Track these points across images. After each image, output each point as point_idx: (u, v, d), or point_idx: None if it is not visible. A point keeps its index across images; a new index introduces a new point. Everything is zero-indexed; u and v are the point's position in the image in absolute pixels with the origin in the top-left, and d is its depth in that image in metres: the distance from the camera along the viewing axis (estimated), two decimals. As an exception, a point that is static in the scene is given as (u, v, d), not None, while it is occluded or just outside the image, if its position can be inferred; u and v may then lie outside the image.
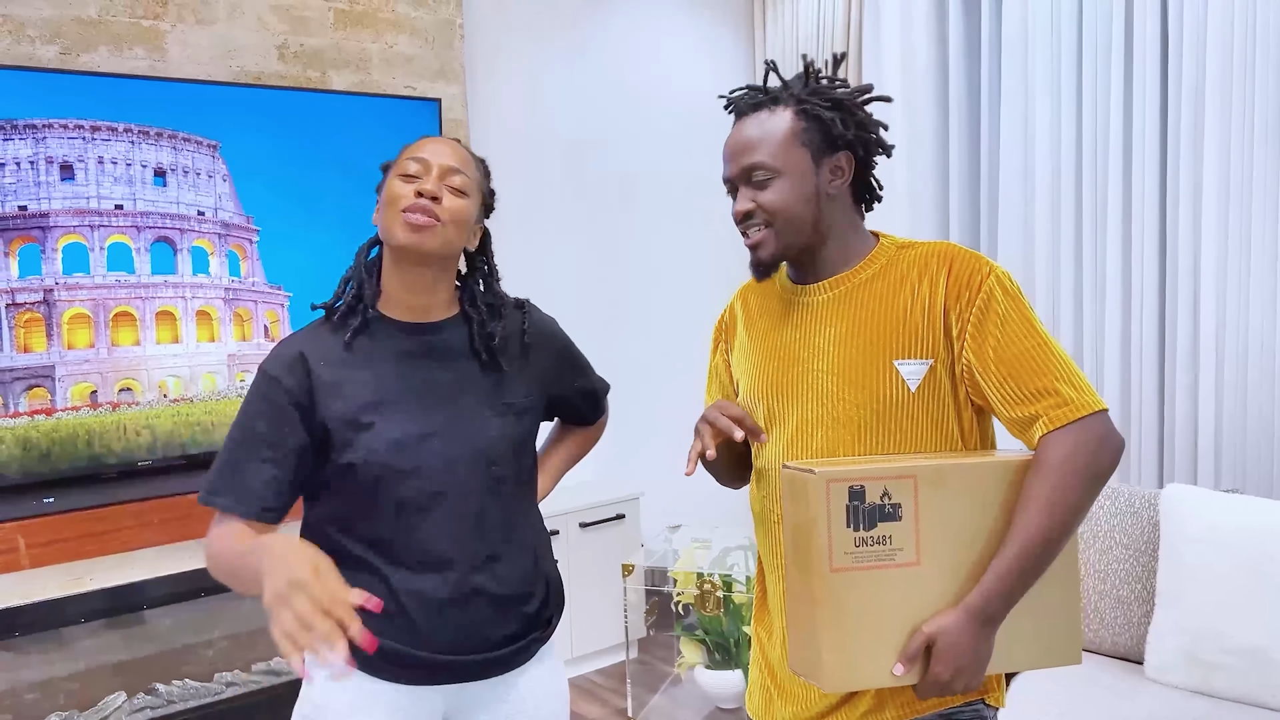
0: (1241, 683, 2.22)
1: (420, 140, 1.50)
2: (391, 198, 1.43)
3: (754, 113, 1.45)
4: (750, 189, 1.43)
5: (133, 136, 2.61)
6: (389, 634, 1.40)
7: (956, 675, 1.24)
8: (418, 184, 1.42)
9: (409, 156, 1.46)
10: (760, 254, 1.44)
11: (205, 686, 2.93)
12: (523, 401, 1.55)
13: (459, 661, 1.46)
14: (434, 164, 1.45)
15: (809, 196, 1.42)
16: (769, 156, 1.41)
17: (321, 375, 1.42)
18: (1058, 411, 1.30)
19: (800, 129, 1.42)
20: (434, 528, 1.44)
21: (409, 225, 1.40)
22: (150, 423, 2.69)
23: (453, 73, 3.33)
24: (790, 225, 1.41)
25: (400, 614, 1.42)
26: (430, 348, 1.49)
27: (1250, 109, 2.77)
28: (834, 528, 1.23)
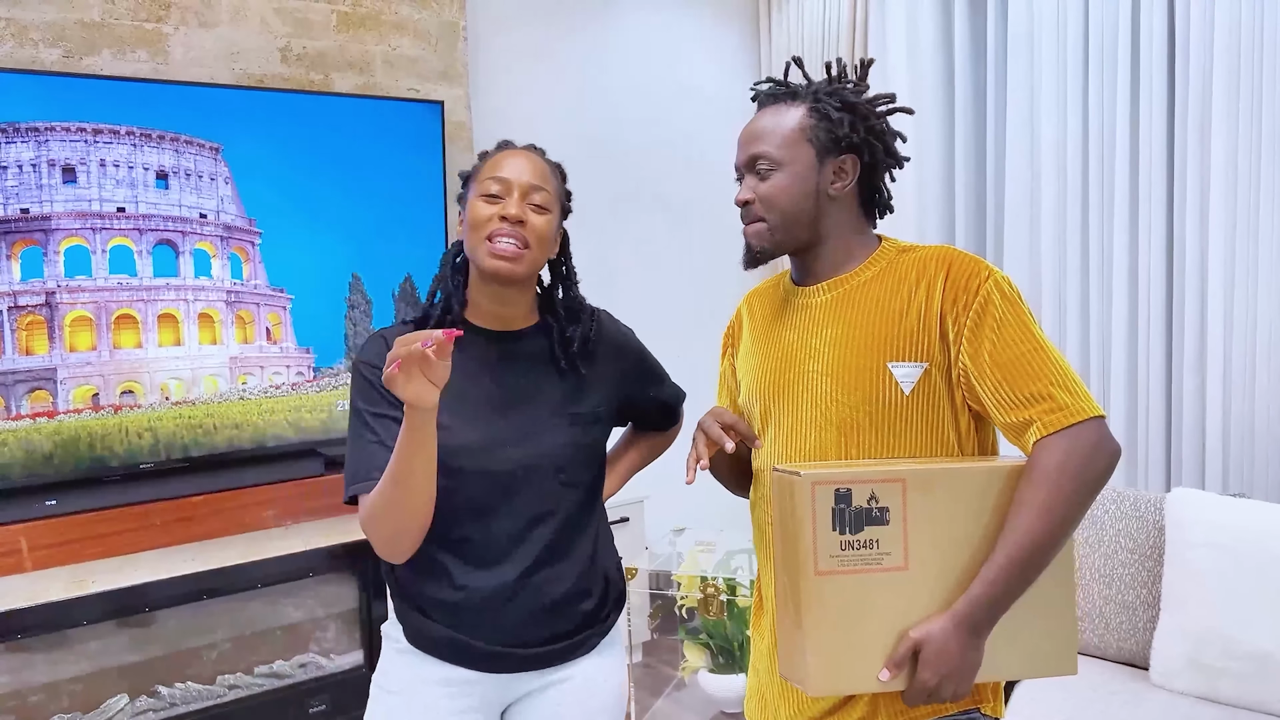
0: (1249, 689, 2.19)
1: (500, 153, 1.53)
2: (476, 222, 1.47)
3: (772, 104, 1.46)
4: (753, 178, 1.44)
5: (135, 139, 2.62)
6: (451, 624, 1.50)
7: (943, 682, 1.22)
8: (501, 207, 1.46)
9: (490, 175, 1.49)
10: (752, 243, 1.45)
11: (208, 689, 2.93)
12: (594, 411, 1.59)
13: (514, 654, 1.52)
14: (515, 184, 1.47)
15: (808, 193, 1.42)
16: (774, 148, 1.42)
17: None
18: (1052, 417, 1.28)
19: (808, 125, 1.42)
20: (499, 529, 1.49)
21: (496, 255, 1.45)
22: (152, 425, 2.69)
23: (456, 75, 3.32)
24: (784, 219, 1.41)
25: (462, 606, 1.49)
26: (511, 355, 1.54)
27: (1258, 112, 2.74)
28: (819, 530, 1.22)
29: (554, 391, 1.55)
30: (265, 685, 3.01)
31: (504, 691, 1.57)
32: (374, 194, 3.00)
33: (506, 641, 1.52)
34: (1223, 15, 2.77)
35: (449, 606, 1.50)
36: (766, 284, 1.64)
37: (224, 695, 2.95)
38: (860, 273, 1.45)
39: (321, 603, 3.14)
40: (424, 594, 1.51)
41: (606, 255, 3.93)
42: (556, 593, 1.53)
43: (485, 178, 1.49)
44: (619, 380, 1.65)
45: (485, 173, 1.50)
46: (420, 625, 1.52)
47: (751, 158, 1.44)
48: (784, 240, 1.43)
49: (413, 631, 1.53)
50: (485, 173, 1.50)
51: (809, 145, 1.42)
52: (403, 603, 1.54)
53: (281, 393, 2.89)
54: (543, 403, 1.54)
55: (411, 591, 1.53)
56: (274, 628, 3.06)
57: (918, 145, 3.63)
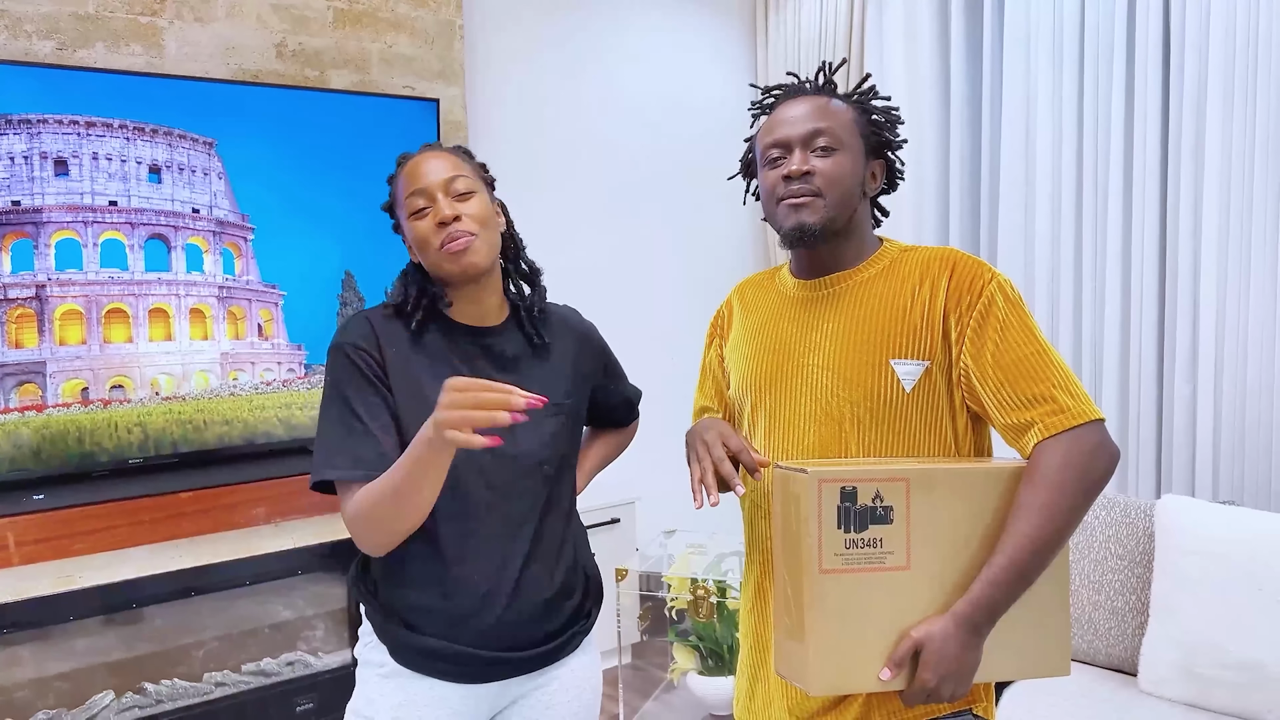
0: (1239, 698, 2.20)
1: (404, 168, 1.51)
2: (421, 241, 1.47)
3: (809, 96, 1.46)
4: (809, 154, 1.41)
5: (128, 133, 2.60)
6: (442, 633, 1.46)
7: (943, 682, 1.22)
8: (434, 214, 1.46)
9: (408, 192, 1.48)
10: (806, 217, 1.40)
11: (194, 686, 2.91)
12: (571, 403, 1.59)
13: (507, 658, 1.50)
14: (432, 186, 1.47)
15: (857, 183, 1.44)
16: (838, 127, 1.41)
17: (393, 356, 1.46)
18: (1053, 419, 1.29)
19: (862, 122, 1.45)
20: (487, 527, 1.47)
21: (452, 255, 1.45)
22: (142, 420, 2.68)
23: (453, 74, 3.32)
24: (839, 201, 1.41)
25: (451, 612, 1.46)
26: (489, 350, 1.53)
27: (1252, 117, 2.76)
28: (824, 528, 1.22)
29: (533, 384, 1.54)
30: (252, 683, 2.99)
31: (495, 701, 1.54)
32: (368, 192, 2.98)
33: (500, 646, 1.49)
34: (1218, 18, 2.79)
35: (439, 614, 1.46)
36: (759, 276, 1.64)
37: (211, 693, 2.93)
38: (863, 270, 1.46)
39: (310, 601, 3.12)
40: (411, 605, 1.47)
41: (599, 257, 3.92)
42: (546, 591, 1.52)
43: (406, 196, 1.48)
44: (587, 370, 1.66)
45: (403, 191, 1.49)
46: (408, 640, 1.47)
47: (813, 132, 1.40)
48: (834, 220, 1.41)
49: (399, 649, 1.47)
50: (403, 191, 1.49)
51: (861, 139, 1.44)
52: (386, 620, 1.48)
53: (273, 389, 2.87)
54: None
55: (397, 605, 1.48)
56: (262, 625, 3.04)
57: (914, 146, 3.65)
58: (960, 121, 3.58)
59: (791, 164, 1.40)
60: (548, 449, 1.54)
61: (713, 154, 4.20)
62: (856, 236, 1.47)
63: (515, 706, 1.57)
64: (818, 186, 1.39)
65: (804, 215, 1.40)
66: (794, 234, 1.42)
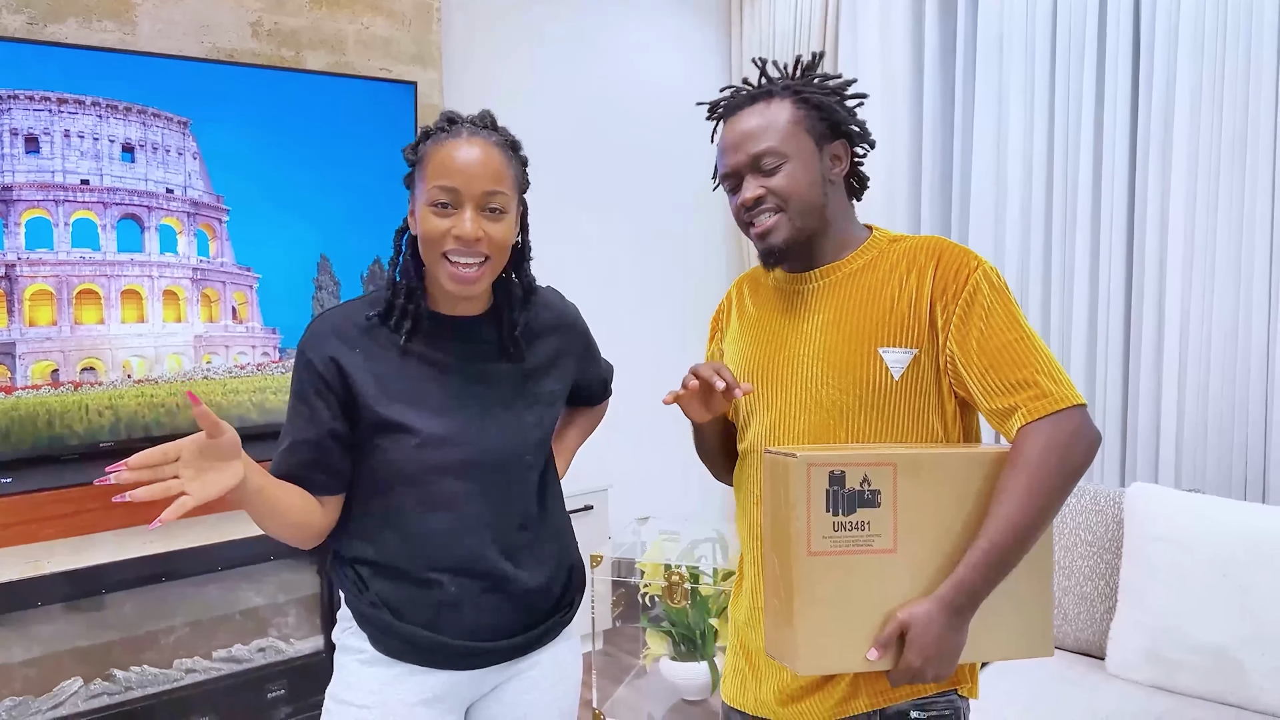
0: (1203, 681, 2.25)
1: (446, 147, 1.39)
2: (430, 236, 1.38)
3: (750, 105, 1.45)
4: (758, 176, 1.42)
5: (101, 110, 2.56)
6: (426, 623, 1.45)
7: (928, 663, 1.24)
8: (455, 222, 1.37)
9: (438, 182, 1.37)
10: (772, 240, 1.43)
11: (164, 673, 2.88)
12: (552, 392, 1.58)
13: (490, 647, 1.49)
14: (466, 195, 1.37)
15: (815, 181, 1.44)
16: (778, 141, 1.41)
17: (357, 364, 1.43)
18: (1036, 404, 1.31)
19: (802, 116, 1.44)
20: (468, 520, 1.46)
21: (455, 278, 1.39)
22: (113, 403, 2.64)
23: (430, 57, 3.29)
24: (802, 209, 1.42)
25: (433, 605, 1.45)
26: (470, 340, 1.50)
27: (1218, 117, 2.81)
28: (813, 512, 1.23)
29: (515, 374, 1.53)
30: (223, 670, 2.97)
31: (475, 688, 1.54)
32: (344, 175, 2.96)
33: (483, 635, 1.48)
34: (1187, 21, 2.83)
35: (424, 605, 1.45)
36: (756, 270, 1.65)
37: (181, 679, 2.90)
38: (852, 260, 1.47)
39: (281, 587, 3.10)
40: (396, 595, 1.46)
41: (575, 247, 3.92)
42: (530, 583, 1.51)
43: (434, 183, 1.37)
44: (570, 359, 1.64)
45: (433, 174, 1.38)
46: (391, 628, 1.45)
47: (754, 156, 1.42)
48: (803, 229, 1.43)
49: (381, 637, 1.46)
50: (433, 174, 1.38)
51: (807, 134, 1.44)
52: (368, 608, 1.46)
53: (246, 373, 2.84)
54: (505, 386, 1.51)
55: (383, 595, 1.46)
56: (233, 612, 3.02)
57: (888, 143, 3.67)
58: (933, 117, 3.61)
59: (745, 192, 1.43)
60: (530, 440, 1.53)
61: (689, 145, 4.21)
62: (836, 228, 1.48)
63: (496, 693, 1.57)
64: (777, 204, 1.42)
65: (771, 239, 1.44)
66: (767, 256, 1.47)
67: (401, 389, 1.44)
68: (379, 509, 1.47)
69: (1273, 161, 2.72)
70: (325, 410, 1.42)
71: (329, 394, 1.42)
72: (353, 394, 1.42)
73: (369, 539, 1.47)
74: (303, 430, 1.42)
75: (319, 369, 1.42)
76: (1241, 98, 2.76)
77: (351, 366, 1.42)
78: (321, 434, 1.42)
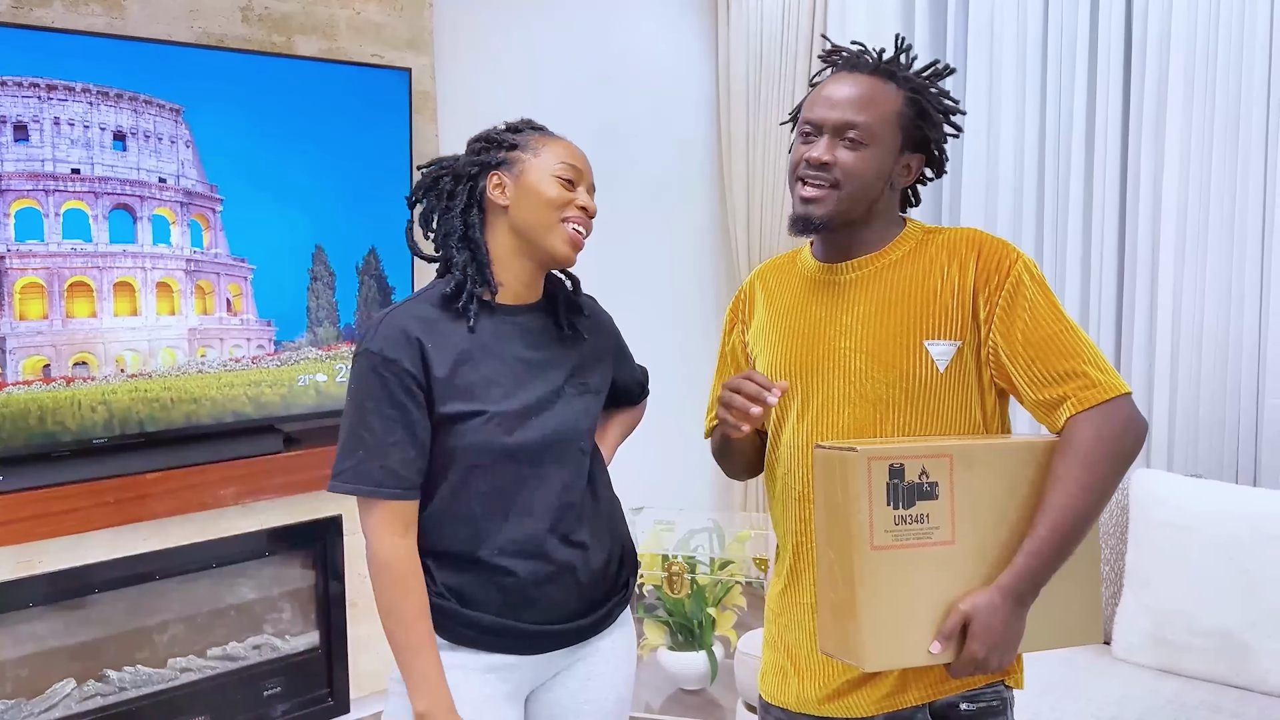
0: (1210, 664, 2.29)
1: (563, 139, 1.57)
2: (553, 201, 1.48)
3: (869, 74, 1.43)
4: (836, 142, 1.40)
5: (91, 97, 2.48)
6: (497, 610, 1.48)
7: (991, 653, 1.24)
8: (580, 197, 1.50)
9: (568, 160, 1.51)
10: (814, 209, 1.41)
11: (158, 673, 2.83)
12: (598, 382, 1.61)
13: (556, 630, 1.52)
14: (587, 175, 1.54)
15: (883, 176, 1.42)
16: (874, 122, 1.39)
17: (435, 358, 1.43)
18: (1086, 393, 1.31)
19: (905, 114, 1.42)
20: (531, 506, 1.48)
21: (573, 242, 1.50)
22: (106, 398, 2.57)
23: (422, 43, 3.24)
24: (855, 195, 1.40)
25: (499, 590, 1.47)
26: (529, 328, 1.53)
27: (1210, 108, 2.83)
28: (875, 505, 1.23)
29: (567, 363, 1.56)
30: (218, 668, 2.93)
31: (540, 673, 1.56)
32: (338, 163, 2.90)
33: (550, 618, 1.50)
34: (1180, 18, 2.86)
35: (492, 591, 1.47)
36: (780, 259, 1.64)
37: (175, 679, 2.85)
38: (889, 251, 1.46)
39: (276, 582, 3.06)
40: (463, 583, 1.47)
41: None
42: (593, 562, 1.54)
43: (562, 160, 1.50)
44: (608, 358, 1.68)
45: (558, 154, 1.51)
46: (460, 616, 1.46)
47: (845, 123, 1.39)
48: (846, 213, 1.41)
49: (450, 625, 1.47)
50: (558, 154, 1.51)
51: (900, 132, 1.42)
52: (437, 598, 1.46)
53: (241, 366, 2.79)
54: (560, 373, 1.54)
55: (450, 584, 1.47)
56: (227, 609, 2.97)
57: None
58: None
59: (815, 150, 1.40)
60: (582, 426, 1.56)
61: (679, 131, 4.19)
62: (879, 223, 1.47)
63: (558, 678, 1.58)
64: (836, 178, 1.39)
65: (812, 208, 1.41)
66: (799, 222, 1.43)
67: (473, 375, 1.45)
68: (445, 497, 1.47)
69: (1265, 149, 2.75)
70: (416, 410, 1.42)
71: (417, 391, 1.42)
72: (431, 387, 1.43)
73: (435, 529, 1.47)
74: (395, 432, 1.41)
75: (406, 366, 1.41)
76: (1234, 88, 2.79)
77: (431, 358, 1.43)
78: (418, 434, 1.43)
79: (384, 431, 1.40)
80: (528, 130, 1.56)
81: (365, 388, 1.42)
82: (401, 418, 1.41)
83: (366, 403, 1.41)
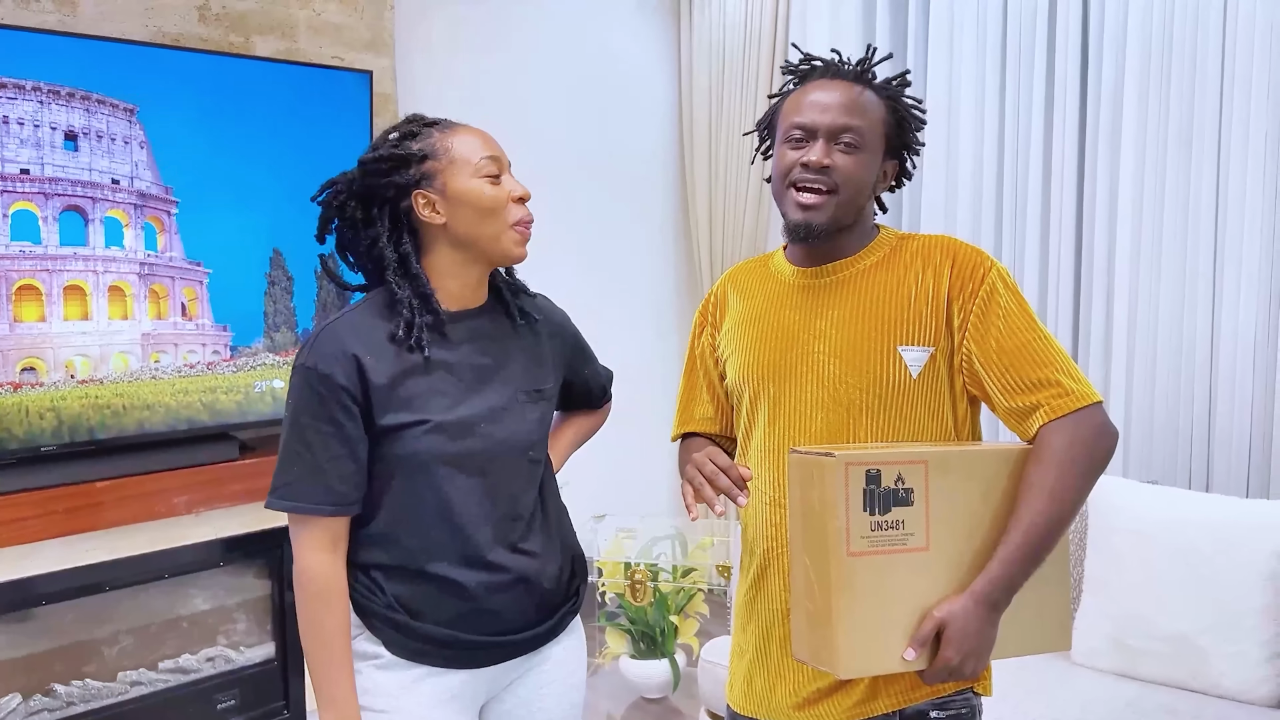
0: (1167, 668, 2.32)
1: (463, 125, 1.48)
2: (495, 202, 1.44)
3: (850, 82, 1.43)
4: (830, 147, 1.39)
5: (42, 96, 2.42)
6: (446, 622, 1.43)
7: (966, 659, 1.24)
8: (511, 187, 1.46)
9: (485, 153, 1.44)
10: (814, 217, 1.40)
11: (108, 686, 2.75)
12: (551, 388, 1.58)
13: (507, 641, 1.48)
14: (504, 156, 1.48)
15: (871, 181, 1.43)
16: (867, 126, 1.40)
17: (373, 369, 1.39)
18: (1058, 401, 1.32)
19: (888, 121, 1.44)
20: (479, 516, 1.44)
21: (524, 239, 1.49)
22: (56, 405, 2.50)
23: (382, 44, 3.20)
24: (850, 201, 1.41)
25: (447, 602, 1.43)
26: (475, 334, 1.49)
27: (1165, 114, 2.89)
28: (851, 512, 1.22)
29: (516, 369, 1.52)
30: (171, 681, 2.85)
31: (492, 684, 1.53)
32: (298, 166, 2.85)
33: (501, 629, 1.48)
34: (1135, 18, 2.91)
35: (443, 603, 1.44)
36: (751, 263, 1.63)
37: (126, 693, 2.78)
38: (863, 257, 1.47)
39: (231, 593, 2.99)
40: (413, 595, 1.43)
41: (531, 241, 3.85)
42: (543, 571, 1.51)
43: (483, 157, 1.44)
44: (563, 359, 1.65)
45: (478, 149, 1.45)
46: (410, 629, 1.43)
47: (842, 126, 1.39)
48: (841, 220, 1.41)
49: (400, 639, 1.43)
50: (478, 149, 1.45)
51: (884, 138, 1.44)
52: (387, 610, 1.43)
53: (196, 372, 2.73)
54: (509, 380, 1.51)
55: (400, 597, 1.43)
56: (179, 620, 2.90)
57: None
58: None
59: (812, 154, 1.39)
60: (533, 434, 1.52)
61: (640, 135, 4.18)
62: (858, 228, 1.47)
63: (511, 687, 1.56)
64: (834, 183, 1.39)
65: (812, 215, 1.40)
66: (800, 230, 1.42)
67: (418, 386, 1.42)
68: (392, 508, 1.44)
69: (1216, 156, 2.81)
70: (352, 425, 1.39)
71: (352, 406, 1.38)
72: (370, 400, 1.39)
73: (383, 541, 1.44)
74: (331, 448, 1.38)
75: (340, 382, 1.37)
76: (1187, 94, 2.84)
77: (369, 371, 1.39)
78: (356, 450, 1.40)
79: (320, 447, 1.37)
80: (424, 133, 1.46)
81: (301, 403, 1.38)
82: (337, 433, 1.38)
83: (302, 418, 1.38)
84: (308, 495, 1.38)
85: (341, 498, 1.39)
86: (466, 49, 3.61)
